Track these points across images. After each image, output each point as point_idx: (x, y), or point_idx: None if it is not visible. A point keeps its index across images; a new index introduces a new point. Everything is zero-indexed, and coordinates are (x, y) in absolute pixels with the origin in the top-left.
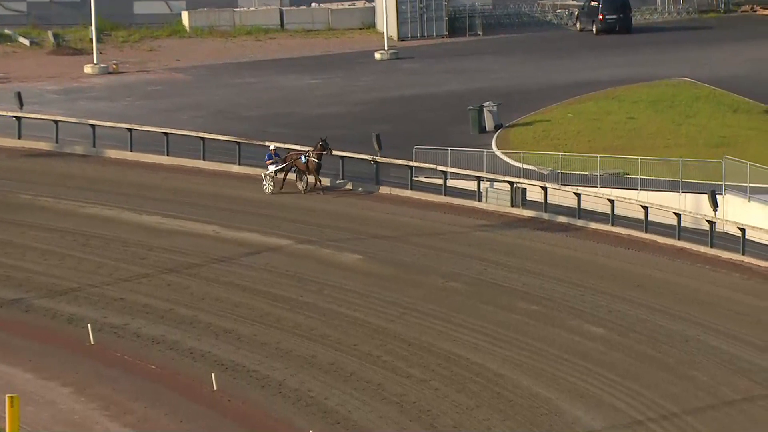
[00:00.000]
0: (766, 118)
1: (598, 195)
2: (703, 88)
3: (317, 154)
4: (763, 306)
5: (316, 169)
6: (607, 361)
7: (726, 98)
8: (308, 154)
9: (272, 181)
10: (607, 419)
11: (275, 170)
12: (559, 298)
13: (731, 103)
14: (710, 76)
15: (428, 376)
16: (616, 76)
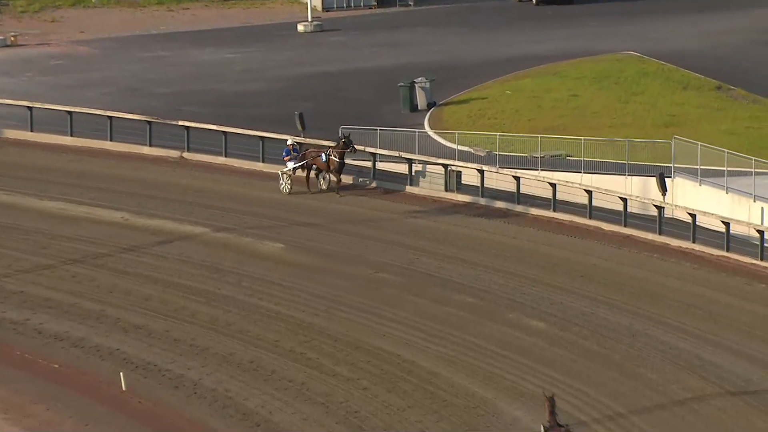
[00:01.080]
0: (718, 95)
1: (538, 178)
2: (650, 63)
3: (339, 152)
4: (715, 298)
5: (337, 169)
6: (549, 357)
7: (675, 74)
8: (329, 152)
9: (290, 179)
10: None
11: (293, 168)
12: (497, 290)
13: (681, 80)
14: (659, 50)
15: (356, 374)
16: (557, 50)
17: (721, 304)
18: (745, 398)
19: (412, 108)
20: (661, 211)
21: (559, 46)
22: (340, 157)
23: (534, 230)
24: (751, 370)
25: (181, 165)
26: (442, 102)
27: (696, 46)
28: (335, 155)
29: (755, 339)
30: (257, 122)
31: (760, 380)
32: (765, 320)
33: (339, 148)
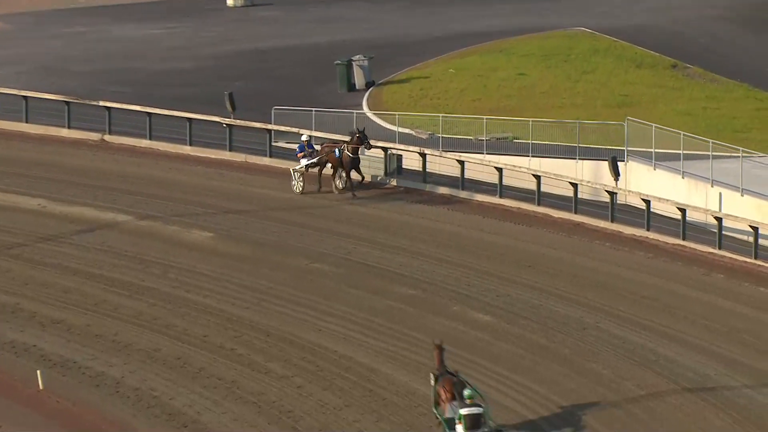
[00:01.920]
0: (673, 74)
1: (484, 162)
2: (602, 39)
3: (352, 147)
4: (671, 288)
5: (350, 165)
6: (495, 352)
7: (628, 51)
8: (342, 147)
9: (302, 178)
10: (494, 418)
11: (306, 165)
12: (441, 281)
13: (634, 57)
14: (611, 26)
15: (290, 371)
16: (504, 26)
17: (677, 295)
18: (702, 395)
19: (349, 88)
20: (614, 197)
21: (506, 22)
22: (353, 152)
23: (479, 217)
24: (709, 366)
25: (102, 148)
26: (382, 81)
27: (650, 22)
28: (349, 151)
29: (713, 332)
30: (184, 103)
31: (718, 376)
32: (723, 312)
33: (353, 143)
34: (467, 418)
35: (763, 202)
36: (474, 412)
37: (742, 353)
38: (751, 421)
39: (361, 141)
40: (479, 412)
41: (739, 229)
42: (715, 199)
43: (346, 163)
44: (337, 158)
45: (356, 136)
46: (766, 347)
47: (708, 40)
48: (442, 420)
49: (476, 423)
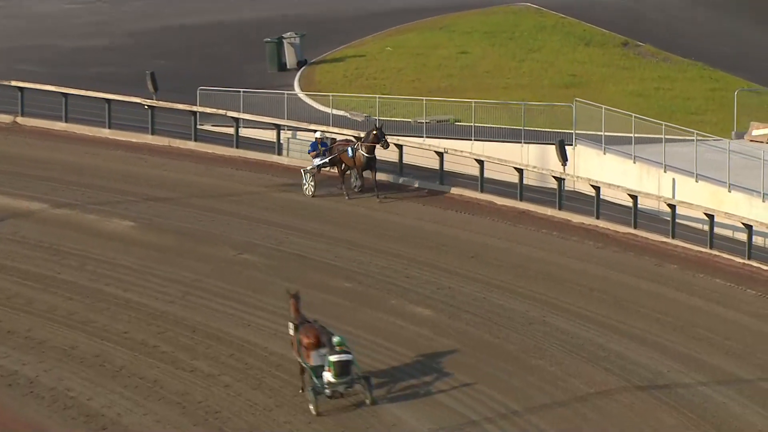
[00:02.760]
0: (624, 52)
1: (423, 147)
2: (549, 15)
3: (368, 146)
4: (622, 280)
5: (364, 165)
6: (436, 348)
7: (577, 28)
8: (356, 145)
9: (314, 179)
10: (434, 420)
11: (318, 165)
12: (378, 274)
13: (583, 35)
14: (558, 2)
15: (217, 369)
16: (445, 1)
17: (629, 287)
18: (655, 393)
19: (280, 67)
20: (561, 183)
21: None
22: (368, 151)
23: (419, 205)
24: (661, 362)
25: (14, 131)
26: (315, 60)
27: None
28: (363, 149)
29: (666, 327)
30: (102, 83)
31: (671, 373)
32: (676, 306)
33: (368, 141)
34: (337, 365)
35: (719, 188)
36: (344, 359)
37: (696, 349)
38: (706, 420)
39: (378, 139)
40: (349, 359)
41: (693, 217)
42: (669, 186)
43: (359, 163)
44: (350, 158)
45: (372, 133)
46: (721, 342)
47: (660, 16)
48: (308, 368)
49: (346, 370)
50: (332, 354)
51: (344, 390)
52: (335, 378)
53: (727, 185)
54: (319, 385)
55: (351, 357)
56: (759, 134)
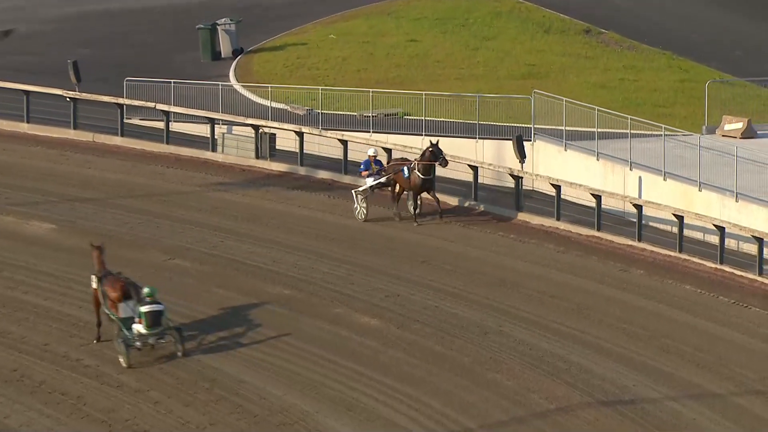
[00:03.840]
0: (586, 40)
1: (370, 142)
2: (505, 0)
3: (423, 165)
4: (584, 287)
5: (419, 187)
6: (384, 361)
7: (535, 14)
8: (412, 165)
9: (365, 201)
10: None
11: (372, 186)
12: (321, 280)
13: (542, 21)
14: None
15: (146, 384)
16: None
17: (592, 294)
18: (620, 408)
19: (214, 56)
20: (519, 181)
21: None
22: (424, 172)
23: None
24: (627, 375)
25: None
26: (252, 49)
27: None
28: (419, 170)
29: (632, 337)
30: (20, 73)
31: (637, 387)
32: (644, 314)
33: (424, 160)
34: (148, 316)
35: (689, 187)
36: (155, 309)
37: (665, 361)
38: None
39: (435, 157)
40: (160, 309)
41: (661, 219)
42: (635, 185)
43: (415, 184)
44: (405, 178)
45: (428, 150)
46: (691, 354)
47: (625, 1)
48: (117, 320)
49: (157, 320)
50: (143, 305)
51: (155, 342)
52: (146, 329)
53: (697, 184)
54: (130, 337)
55: (162, 307)
56: (732, 129)
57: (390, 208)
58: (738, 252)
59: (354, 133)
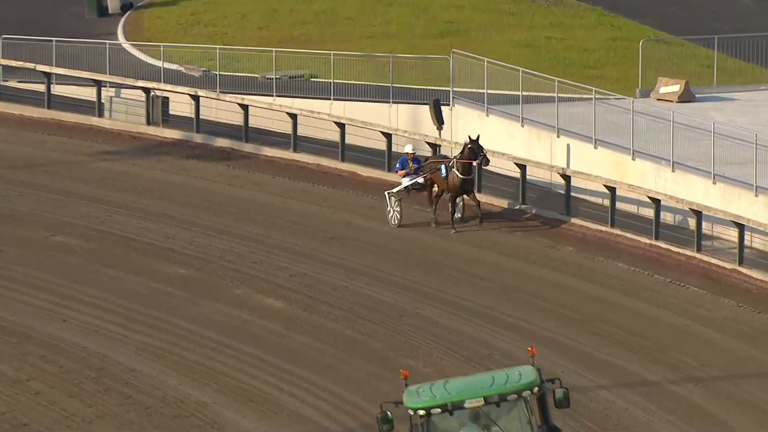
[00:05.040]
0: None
1: (273, 107)
2: None
3: (462, 164)
4: (509, 266)
5: (458, 188)
6: (289, 347)
7: None
8: (451, 163)
9: (399, 204)
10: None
11: (407, 187)
12: (220, 258)
13: None
14: None
15: (25, 374)
16: None
17: (517, 273)
18: None
19: (100, 12)
20: (437, 150)
21: None
22: (463, 171)
23: (268, 177)
24: (556, 362)
25: None
26: (141, 4)
27: None
28: (458, 169)
29: (561, 320)
30: None
31: (566, 374)
32: (573, 294)
33: (463, 158)
34: None
35: (622, 156)
36: None
37: (596, 345)
38: (607, 430)
39: (474, 155)
40: None
41: (591, 191)
42: (563, 153)
43: (453, 184)
44: (443, 178)
45: (467, 147)
46: (625, 338)
47: None
48: None
49: None
50: None
51: None
52: None
53: (631, 152)
54: None
55: None
56: (668, 92)
57: None
58: (675, 227)
59: (255, 96)
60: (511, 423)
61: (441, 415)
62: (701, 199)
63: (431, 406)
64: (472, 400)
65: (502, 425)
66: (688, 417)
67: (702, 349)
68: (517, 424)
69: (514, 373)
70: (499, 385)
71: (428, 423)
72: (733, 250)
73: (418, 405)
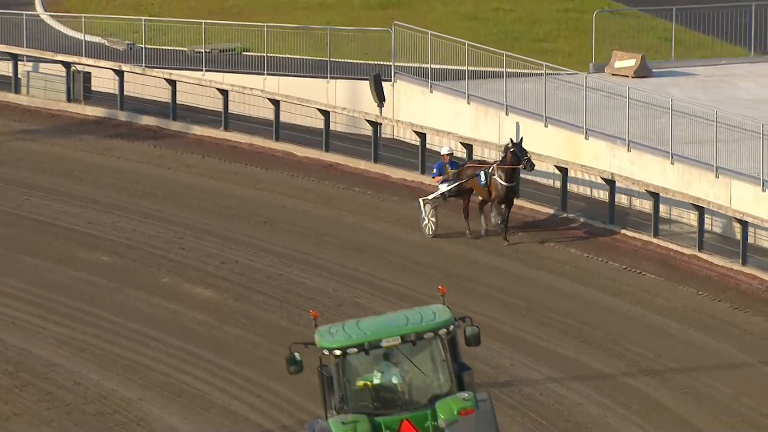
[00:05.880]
0: None
1: (203, 83)
2: None
3: (505, 170)
4: (455, 252)
5: (503, 196)
6: (221, 340)
7: None
8: (491, 169)
9: (434, 212)
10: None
11: (444, 193)
12: (145, 244)
13: None
14: None
15: None
16: None
17: (463, 260)
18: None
19: None
20: (378, 129)
21: None
22: (506, 178)
23: (197, 157)
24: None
25: None
26: None
27: None
28: (500, 175)
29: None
30: None
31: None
32: (522, 282)
33: (506, 163)
34: None
35: (574, 134)
36: None
37: (546, 336)
38: (558, 426)
39: (517, 159)
40: None
41: (541, 171)
42: (511, 131)
43: (495, 191)
44: (482, 186)
45: (509, 151)
46: (577, 328)
47: None
48: None
49: None
50: None
51: None
52: None
53: (583, 131)
54: None
55: None
56: (623, 66)
57: None
58: (630, 209)
59: (184, 72)
60: (425, 362)
61: (357, 354)
62: (658, 180)
63: (347, 346)
64: (390, 339)
65: (417, 364)
66: (643, 411)
67: (659, 340)
68: (432, 363)
69: (427, 312)
70: (415, 324)
71: (344, 363)
72: (693, 234)
73: (334, 345)
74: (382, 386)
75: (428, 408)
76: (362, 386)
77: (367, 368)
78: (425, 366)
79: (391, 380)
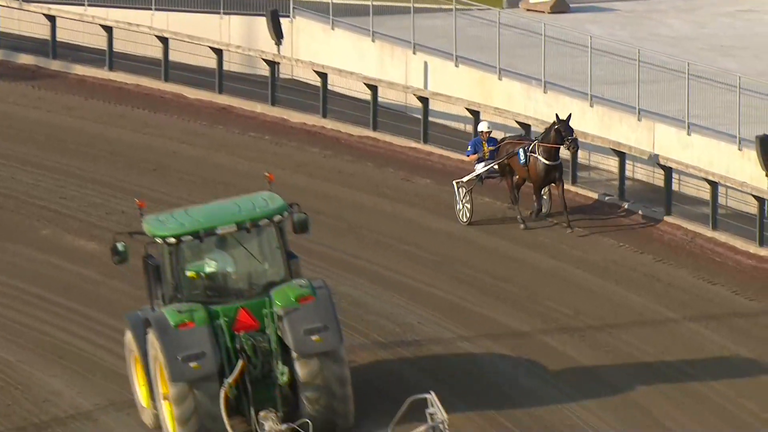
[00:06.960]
0: None
1: (85, 18)
2: None
3: (547, 148)
4: (357, 200)
5: (543, 178)
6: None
7: None
8: (531, 147)
9: (470, 196)
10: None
11: (479, 175)
12: (24, 193)
13: None
14: None
15: None
16: None
17: (366, 209)
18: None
19: None
20: (275, 68)
21: None
22: (548, 156)
23: (80, 99)
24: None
25: None
26: None
27: None
28: (541, 154)
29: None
30: None
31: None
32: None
33: (548, 141)
34: None
35: (487, 74)
36: None
37: (457, 292)
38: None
39: (561, 138)
40: None
41: (452, 115)
42: (419, 72)
43: (535, 174)
44: (522, 165)
45: (554, 128)
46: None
47: None
48: None
49: None
50: None
51: None
52: None
53: (497, 71)
54: None
55: None
56: (538, 1)
57: None
58: None
59: (64, 6)
60: (259, 249)
61: (191, 243)
62: (577, 123)
63: (182, 234)
64: (225, 226)
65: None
66: (559, 371)
67: (577, 296)
68: (266, 251)
69: (258, 199)
70: (248, 211)
71: (177, 251)
72: (614, 182)
73: (167, 233)
74: (216, 274)
75: (264, 296)
76: (196, 275)
77: (200, 257)
78: (259, 254)
79: (225, 268)
